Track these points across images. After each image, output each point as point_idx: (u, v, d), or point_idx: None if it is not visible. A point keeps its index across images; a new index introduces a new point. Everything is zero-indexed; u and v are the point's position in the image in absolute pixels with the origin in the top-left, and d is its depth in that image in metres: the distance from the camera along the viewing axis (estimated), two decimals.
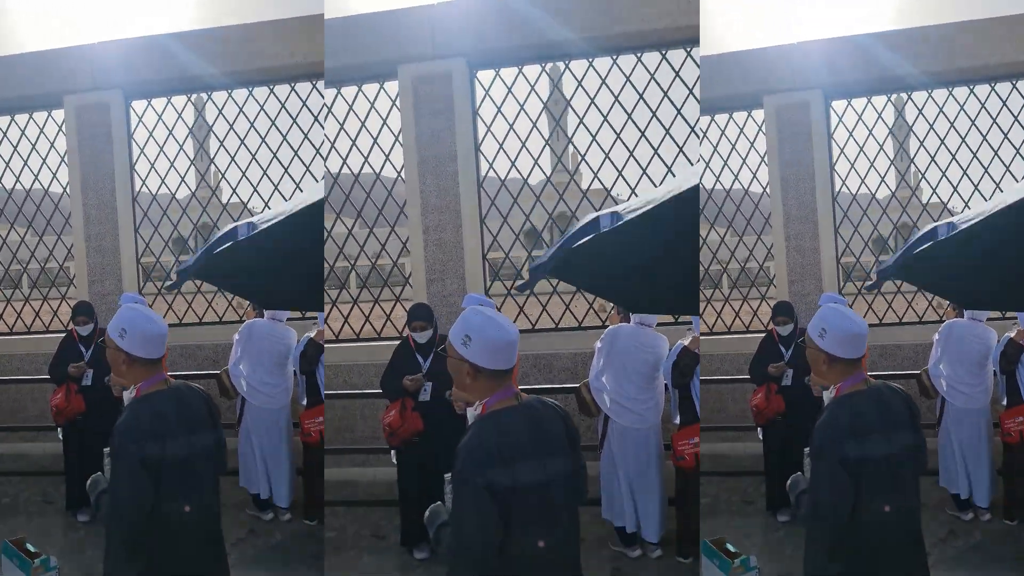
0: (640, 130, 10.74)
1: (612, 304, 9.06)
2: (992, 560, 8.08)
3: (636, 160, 10.73)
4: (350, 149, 11.27)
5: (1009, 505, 8.72)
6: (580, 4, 10.36)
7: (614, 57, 10.70)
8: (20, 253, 12.49)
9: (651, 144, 10.76)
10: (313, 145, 11.47)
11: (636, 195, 10.72)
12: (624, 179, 10.76)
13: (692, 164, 10.59)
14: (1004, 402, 8.76)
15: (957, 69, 11.19)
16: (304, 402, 8.87)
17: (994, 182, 11.47)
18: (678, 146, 10.74)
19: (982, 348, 8.81)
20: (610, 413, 7.91)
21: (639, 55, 10.66)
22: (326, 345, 9.07)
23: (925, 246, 4.64)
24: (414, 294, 10.73)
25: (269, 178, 11.57)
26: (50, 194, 12.16)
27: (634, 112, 10.73)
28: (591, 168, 10.84)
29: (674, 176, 10.26)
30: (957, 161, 11.53)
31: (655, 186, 10.72)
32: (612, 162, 10.76)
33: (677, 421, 7.96)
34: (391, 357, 8.31)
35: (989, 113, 11.41)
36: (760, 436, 9.05)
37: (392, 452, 8.19)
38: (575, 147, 11.06)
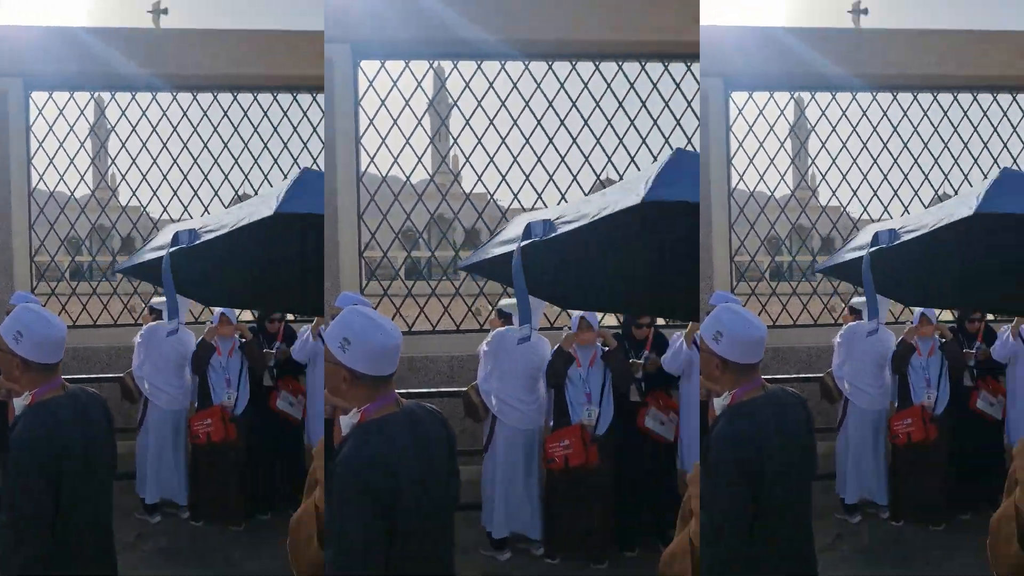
0: (525, 137, 10.73)
1: (492, 307, 9.22)
2: (878, 561, 8.25)
3: (519, 166, 10.75)
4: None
5: (896, 506, 8.86)
6: (477, 5, 10.24)
7: (502, 62, 10.63)
8: None
9: (534, 151, 10.75)
10: (212, 154, 11.48)
11: (519, 202, 10.91)
12: (507, 184, 10.80)
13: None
14: (895, 403, 8.90)
15: (865, 75, 11.22)
16: (195, 403, 9.02)
17: (892, 189, 11.68)
18: (560, 155, 10.76)
19: (883, 350, 8.93)
20: (498, 414, 8.03)
21: (527, 63, 10.62)
22: None
23: (872, 249, 4.64)
24: None
25: (169, 183, 11.52)
26: None
27: (519, 118, 10.74)
28: (475, 171, 10.77)
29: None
30: (858, 166, 11.62)
31: (536, 192, 10.80)
32: (496, 167, 10.76)
33: (551, 423, 8.09)
34: None
35: (890, 121, 11.57)
36: None
37: None
38: (460, 148, 10.92)
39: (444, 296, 10.56)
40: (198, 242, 5.59)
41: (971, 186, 11.45)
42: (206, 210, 11.47)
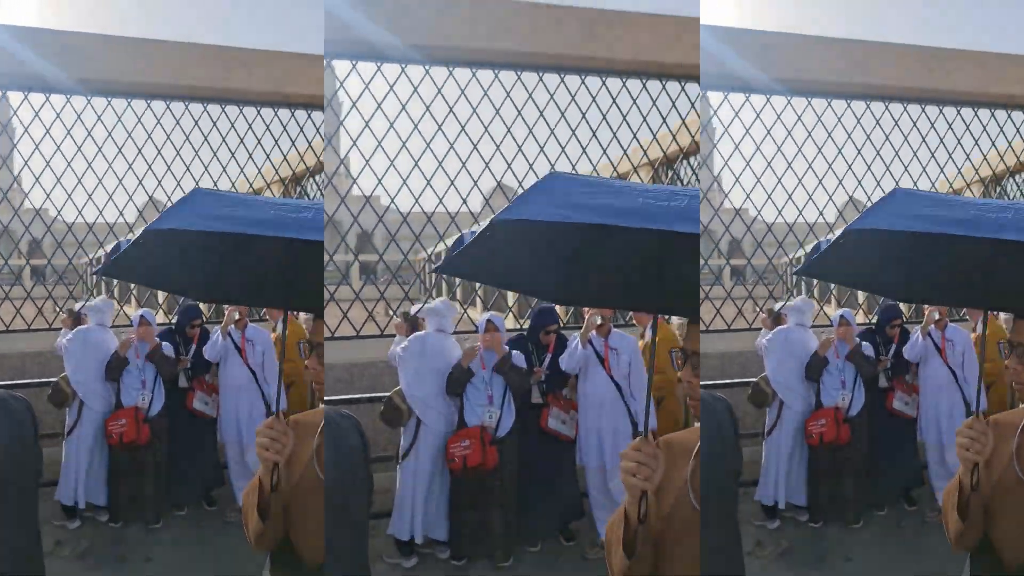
0: (425, 141, 10.74)
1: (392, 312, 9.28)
2: (798, 565, 8.30)
3: (421, 170, 10.74)
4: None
5: (815, 508, 8.96)
6: (378, 6, 10.16)
7: (403, 66, 10.57)
8: None
9: (435, 155, 10.77)
10: (126, 160, 11.46)
11: (420, 206, 10.85)
12: (408, 188, 10.76)
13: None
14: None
15: (782, 79, 11.31)
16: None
17: (807, 193, 11.80)
18: (460, 159, 10.82)
19: (811, 353, 9.03)
20: (424, 418, 8.02)
21: (427, 68, 10.62)
22: None
23: (814, 257, 4.77)
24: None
25: (84, 187, 11.40)
26: None
27: (420, 122, 10.75)
28: (375, 173, 10.77)
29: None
30: (772, 169, 11.73)
31: (436, 196, 10.84)
32: (396, 170, 10.74)
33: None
34: None
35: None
36: None
37: None
38: (359, 149, 10.76)
39: (344, 301, 10.52)
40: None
41: (883, 192, 11.60)
42: (120, 215, 11.37)
